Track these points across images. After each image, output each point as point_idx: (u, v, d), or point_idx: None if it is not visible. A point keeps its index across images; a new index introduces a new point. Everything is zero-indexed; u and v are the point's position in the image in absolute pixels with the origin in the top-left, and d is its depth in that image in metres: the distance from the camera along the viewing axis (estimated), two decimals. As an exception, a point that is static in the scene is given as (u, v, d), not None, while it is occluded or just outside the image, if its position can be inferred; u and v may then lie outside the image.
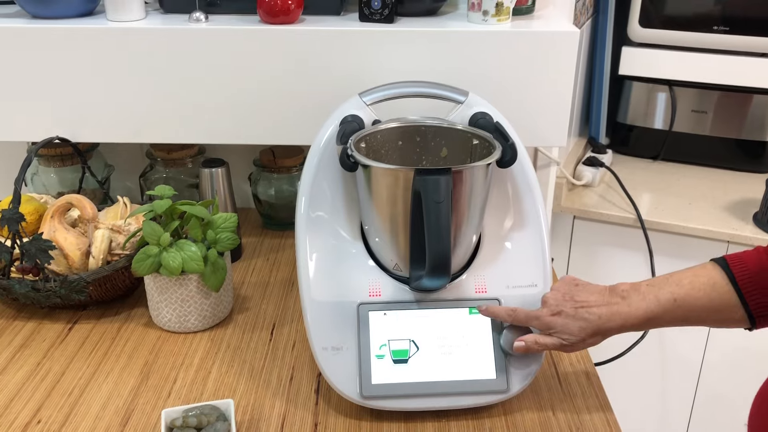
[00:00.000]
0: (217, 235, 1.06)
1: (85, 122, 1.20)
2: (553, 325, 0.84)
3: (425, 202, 0.82)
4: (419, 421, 0.89)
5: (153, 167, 1.38)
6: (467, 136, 0.96)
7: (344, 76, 1.15)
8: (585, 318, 0.82)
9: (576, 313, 0.83)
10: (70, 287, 1.06)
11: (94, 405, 0.93)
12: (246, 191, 1.47)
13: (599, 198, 1.62)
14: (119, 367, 1.00)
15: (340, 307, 0.91)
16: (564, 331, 0.83)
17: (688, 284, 0.80)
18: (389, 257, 0.93)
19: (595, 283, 0.87)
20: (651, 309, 0.80)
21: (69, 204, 1.10)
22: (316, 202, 0.95)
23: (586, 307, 0.83)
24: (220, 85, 1.16)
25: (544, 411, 0.92)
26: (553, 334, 0.84)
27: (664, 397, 1.68)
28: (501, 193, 0.98)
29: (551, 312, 0.84)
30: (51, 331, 1.08)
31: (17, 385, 0.96)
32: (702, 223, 1.49)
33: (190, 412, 0.85)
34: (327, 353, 0.89)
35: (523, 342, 0.86)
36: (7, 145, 1.42)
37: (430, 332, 0.91)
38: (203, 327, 1.08)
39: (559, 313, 0.84)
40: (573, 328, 0.83)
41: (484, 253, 0.96)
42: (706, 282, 0.79)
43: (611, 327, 0.82)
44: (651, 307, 0.80)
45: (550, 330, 0.84)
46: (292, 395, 0.95)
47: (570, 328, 0.83)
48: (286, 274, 1.26)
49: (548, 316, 0.84)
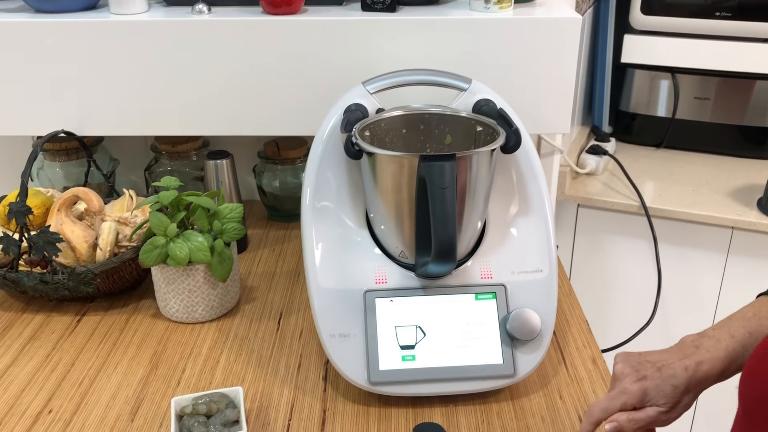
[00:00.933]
0: (224, 226, 1.06)
1: (89, 116, 1.20)
2: (646, 392, 0.73)
3: (430, 189, 0.82)
4: (427, 407, 0.90)
5: (158, 160, 1.39)
6: (471, 123, 0.97)
7: (347, 65, 1.15)
8: (673, 375, 0.73)
9: (661, 373, 0.74)
10: (78, 279, 1.06)
11: (104, 395, 0.94)
12: (251, 183, 1.48)
13: (603, 186, 1.62)
14: (128, 357, 1.01)
15: (346, 294, 0.92)
16: (658, 395, 0.73)
17: (752, 316, 0.74)
18: (395, 245, 0.93)
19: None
20: (731, 348, 0.73)
21: (75, 197, 1.11)
22: (321, 192, 0.96)
23: (666, 365, 0.74)
24: (224, 76, 1.17)
25: (550, 395, 0.93)
26: (647, 403, 0.74)
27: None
28: (506, 179, 0.98)
29: (636, 378, 0.74)
30: (60, 323, 1.09)
31: (28, 375, 0.97)
32: (706, 210, 1.49)
33: (200, 399, 0.86)
34: (334, 340, 0.90)
35: (615, 422, 0.73)
36: (12, 140, 1.42)
37: (436, 318, 0.91)
38: (211, 317, 1.09)
39: (644, 378, 0.74)
40: (666, 388, 0.73)
41: (489, 240, 0.96)
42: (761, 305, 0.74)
43: (700, 378, 0.73)
44: (730, 346, 0.73)
45: (645, 398, 0.73)
46: (300, 383, 0.95)
47: (663, 390, 0.73)
48: (291, 265, 1.26)
49: (635, 383, 0.74)
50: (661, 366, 0.74)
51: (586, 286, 1.66)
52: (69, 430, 0.87)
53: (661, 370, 0.74)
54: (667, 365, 0.74)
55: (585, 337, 1.05)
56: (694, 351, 0.74)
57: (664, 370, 0.74)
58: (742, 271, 1.51)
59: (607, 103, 1.81)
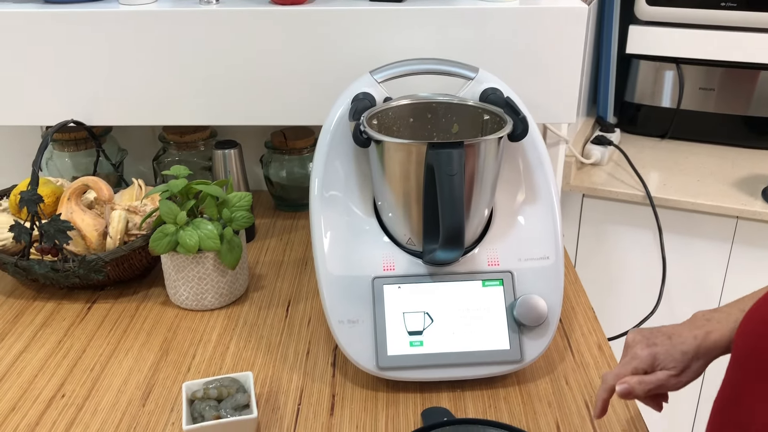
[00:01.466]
0: (233, 214, 1.07)
1: (98, 106, 1.21)
2: (656, 357, 0.77)
3: (438, 176, 0.83)
4: (434, 392, 0.91)
5: (166, 150, 1.40)
6: (478, 111, 0.97)
7: (355, 55, 1.16)
8: (683, 342, 0.76)
9: (671, 341, 0.77)
10: (88, 267, 1.07)
11: (115, 380, 0.95)
12: (258, 174, 1.48)
13: (608, 176, 1.63)
14: (138, 344, 1.02)
15: (355, 281, 0.92)
16: (668, 359, 0.76)
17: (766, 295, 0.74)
18: (403, 232, 0.94)
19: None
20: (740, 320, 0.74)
21: (85, 186, 1.12)
22: (329, 182, 0.97)
23: (677, 334, 0.77)
24: (232, 66, 1.17)
25: (557, 381, 0.94)
26: (657, 367, 0.77)
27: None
28: (512, 168, 0.99)
29: (647, 345, 0.78)
30: (70, 311, 1.10)
31: (40, 362, 0.98)
32: (711, 200, 1.49)
33: (211, 384, 0.87)
34: (343, 326, 0.91)
35: (625, 383, 0.76)
36: (20, 131, 1.43)
37: (444, 305, 0.92)
38: (220, 305, 1.10)
39: (654, 344, 0.78)
40: (675, 354, 0.76)
41: (496, 227, 0.97)
42: None
43: (709, 346, 0.76)
44: (740, 319, 0.73)
45: (655, 362, 0.77)
46: (309, 368, 0.96)
47: (673, 355, 0.76)
48: (299, 254, 1.27)
49: (645, 348, 0.78)
50: (672, 335, 0.77)
51: (591, 276, 1.67)
52: (82, 414, 0.89)
53: (672, 338, 0.77)
54: (677, 334, 0.77)
55: (591, 324, 1.06)
56: (705, 323, 0.77)
57: (674, 338, 0.77)
58: (746, 261, 1.52)
59: (612, 94, 1.81)
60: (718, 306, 0.80)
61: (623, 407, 0.89)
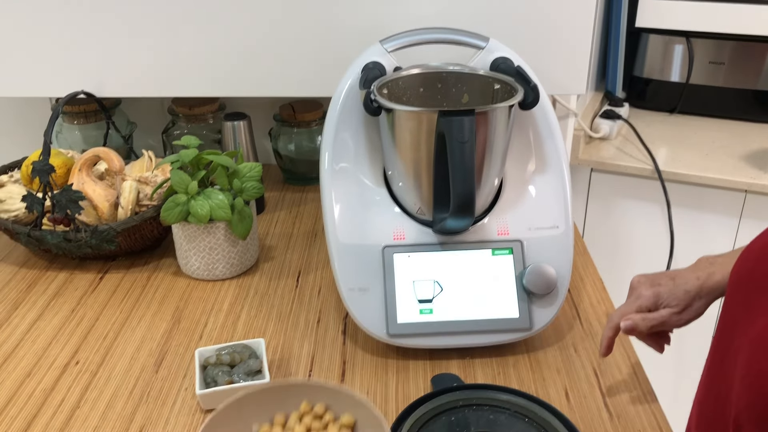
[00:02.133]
0: (243, 184, 1.08)
1: (108, 77, 1.22)
2: (659, 295, 0.81)
3: (450, 143, 0.83)
4: (444, 359, 0.92)
5: (175, 123, 1.40)
6: (488, 81, 0.97)
7: (364, 24, 1.15)
8: (685, 282, 0.80)
9: (675, 281, 0.81)
10: (100, 237, 1.08)
11: (128, 347, 0.96)
12: (267, 147, 1.49)
13: (616, 150, 1.62)
14: (150, 312, 1.03)
15: (365, 249, 0.93)
16: (671, 298, 0.80)
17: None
18: (413, 201, 0.95)
19: None
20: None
21: (96, 157, 1.13)
22: (339, 154, 0.97)
23: (680, 276, 0.81)
24: (240, 37, 1.17)
25: (566, 349, 0.94)
26: (660, 306, 0.81)
27: (680, 342, 1.70)
28: (523, 137, 0.99)
29: (650, 285, 0.82)
30: (83, 281, 1.11)
31: (54, 329, 1.00)
32: (719, 173, 1.49)
33: (223, 350, 0.88)
34: (354, 294, 0.92)
35: (629, 320, 0.80)
36: (29, 102, 1.44)
37: (453, 273, 0.93)
38: (231, 275, 1.11)
39: (658, 284, 0.82)
40: (678, 293, 0.80)
41: (506, 197, 0.97)
42: None
43: (712, 286, 0.79)
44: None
45: (659, 301, 0.81)
46: (320, 336, 0.97)
47: (676, 293, 0.80)
48: (308, 227, 1.28)
49: (649, 288, 0.82)
50: (675, 276, 0.82)
51: (598, 250, 1.67)
52: (96, 380, 0.90)
53: (675, 279, 0.81)
54: (680, 276, 0.81)
55: (599, 294, 1.06)
56: (708, 266, 0.81)
57: (677, 279, 0.81)
58: (755, 234, 1.51)
59: (621, 68, 1.80)
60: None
61: (633, 376, 0.90)
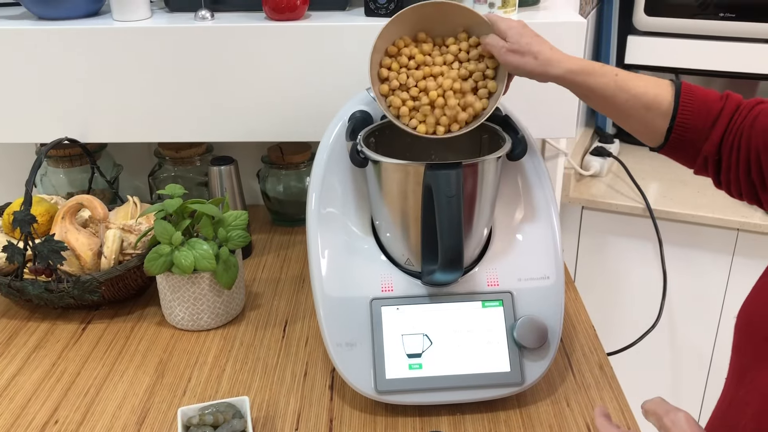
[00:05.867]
0: (228, 233, 1.06)
1: (93, 123, 1.20)
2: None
3: (437, 197, 0.82)
4: (434, 415, 0.90)
5: (162, 166, 1.39)
6: (477, 129, 0.96)
7: (352, 71, 1.14)
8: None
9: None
10: (83, 287, 1.06)
11: (110, 404, 0.93)
12: (255, 188, 1.47)
13: (607, 188, 1.62)
14: (134, 366, 1.01)
15: (352, 302, 0.91)
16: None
17: (635, 75, 0.81)
18: (401, 252, 0.93)
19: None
20: (579, 69, 0.81)
21: (79, 204, 1.11)
22: (326, 199, 0.96)
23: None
24: (228, 82, 1.16)
25: (558, 403, 0.92)
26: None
27: (675, 384, 1.68)
28: (511, 185, 0.97)
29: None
30: (65, 332, 1.09)
31: (33, 385, 0.97)
32: (711, 211, 1.48)
33: (206, 410, 0.85)
34: (341, 349, 0.90)
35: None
36: (15, 147, 1.42)
37: (443, 326, 0.91)
38: (216, 325, 1.08)
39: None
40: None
41: (495, 246, 0.96)
42: (654, 82, 0.81)
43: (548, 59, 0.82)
44: (578, 69, 0.81)
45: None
46: (306, 391, 0.95)
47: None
48: (296, 271, 1.26)
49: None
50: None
51: (591, 289, 1.66)
52: (75, 440, 0.87)
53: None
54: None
55: (592, 343, 1.04)
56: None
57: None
58: (748, 273, 1.51)
59: (611, 104, 1.80)
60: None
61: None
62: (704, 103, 0.78)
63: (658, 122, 0.80)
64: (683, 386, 1.67)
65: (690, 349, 1.62)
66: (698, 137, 0.78)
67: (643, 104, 0.80)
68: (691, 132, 0.79)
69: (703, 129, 0.78)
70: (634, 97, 0.80)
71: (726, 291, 1.54)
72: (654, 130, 0.81)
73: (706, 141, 0.78)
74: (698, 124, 0.78)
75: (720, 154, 0.78)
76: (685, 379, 1.67)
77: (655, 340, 1.59)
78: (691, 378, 1.66)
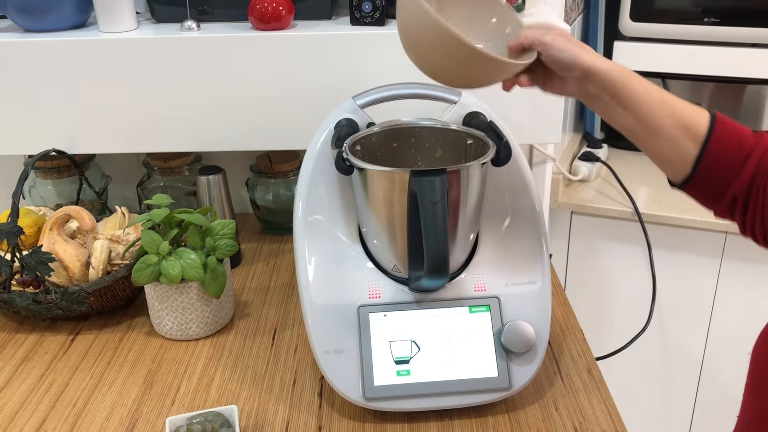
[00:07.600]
0: (216, 242, 1.06)
1: (80, 134, 1.20)
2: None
3: (421, 203, 0.82)
4: (423, 421, 0.90)
5: (150, 176, 1.39)
6: (461, 135, 0.97)
7: (337, 79, 1.15)
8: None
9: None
10: (71, 299, 1.06)
11: (98, 415, 0.93)
12: (243, 197, 1.47)
13: (596, 192, 1.62)
14: (122, 376, 1.01)
15: (340, 310, 0.91)
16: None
17: (677, 98, 0.76)
18: (388, 259, 0.93)
19: None
20: (626, 72, 0.77)
21: (67, 216, 1.11)
22: (313, 206, 0.96)
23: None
24: (215, 92, 1.17)
25: (546, 407, 0.93)
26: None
27: (666, 389, 1.69)
28: (497, 191, 0.98)
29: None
30: (53, 343, 1.08)
31: (21, 397, 0.97)
32: (699, 215, 1.49)
33: (195, 419, 0.85)
34: (329, 356, 0.90)
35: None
36: (3, 159, 1.42)
37: (431, 332, 0.91)
38: (205, 334, 1.08)
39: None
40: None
41: (482, 252, 0.96)
42: (693, 105, 0.75)
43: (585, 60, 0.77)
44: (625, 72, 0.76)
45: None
46: (295, 399, 0.95)
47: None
48: (286, 279, 1.26)
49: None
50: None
51: (580, 293, 1.66)
52: (63, 452, 0.87)
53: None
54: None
55: (580, 347, 1.05)
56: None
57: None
58: (736, 276, 1.52)
59: (599, 110, 1.81)
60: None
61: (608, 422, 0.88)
62: (737, 136, 0.73)
63: (690, 148, 0.74)
64: (673, 390, 1.68)
65: (680, 352, 1.63)
66: (728, 172, 0.73)
67: (682, 124, 0.74)
68: (722, 164, 0.73)
69: (734, 163, 0.72)
70: (675, 114, 0.74)
71: (715, 294, 1.55)
72: (684, 153, 0.74)
73: (737, 177, 0.72)
74: (729, 156, 0.72)
75: (749, 193, 0.72)
76: (675, 382, 1.67)
77: (645, 343, 1.59)
78: (681, 381, 1.66)
